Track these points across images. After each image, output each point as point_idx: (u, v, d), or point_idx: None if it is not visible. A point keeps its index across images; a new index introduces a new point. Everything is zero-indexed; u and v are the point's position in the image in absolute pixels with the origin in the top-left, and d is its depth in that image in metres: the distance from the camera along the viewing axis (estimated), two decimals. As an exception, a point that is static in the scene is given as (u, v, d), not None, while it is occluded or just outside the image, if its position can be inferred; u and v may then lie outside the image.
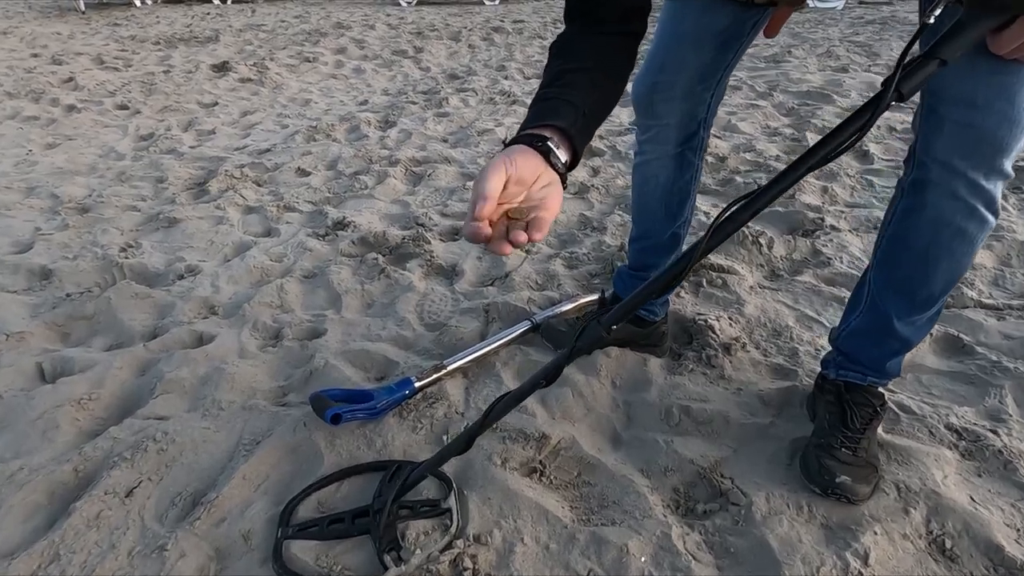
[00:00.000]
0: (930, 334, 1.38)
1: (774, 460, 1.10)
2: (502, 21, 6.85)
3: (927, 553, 0.93)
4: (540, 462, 1.11)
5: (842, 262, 1.76)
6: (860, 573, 0.89)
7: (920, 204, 0.92)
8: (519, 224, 0.65)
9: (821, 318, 1.51)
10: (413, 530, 0.96)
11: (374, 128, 3.17)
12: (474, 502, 1.02)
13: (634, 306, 0.79)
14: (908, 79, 0.69)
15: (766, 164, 2.50)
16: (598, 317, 0.80)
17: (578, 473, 1.10)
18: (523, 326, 1.44)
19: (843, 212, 2.06)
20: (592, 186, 2.34)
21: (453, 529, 0.96)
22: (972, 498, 1.01)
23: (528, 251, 1.89)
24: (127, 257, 1.86)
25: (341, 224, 2.06)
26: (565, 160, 0.73)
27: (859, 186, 2.28)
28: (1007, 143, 0.82)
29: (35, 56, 4.87)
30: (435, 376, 1.28)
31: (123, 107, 3.60)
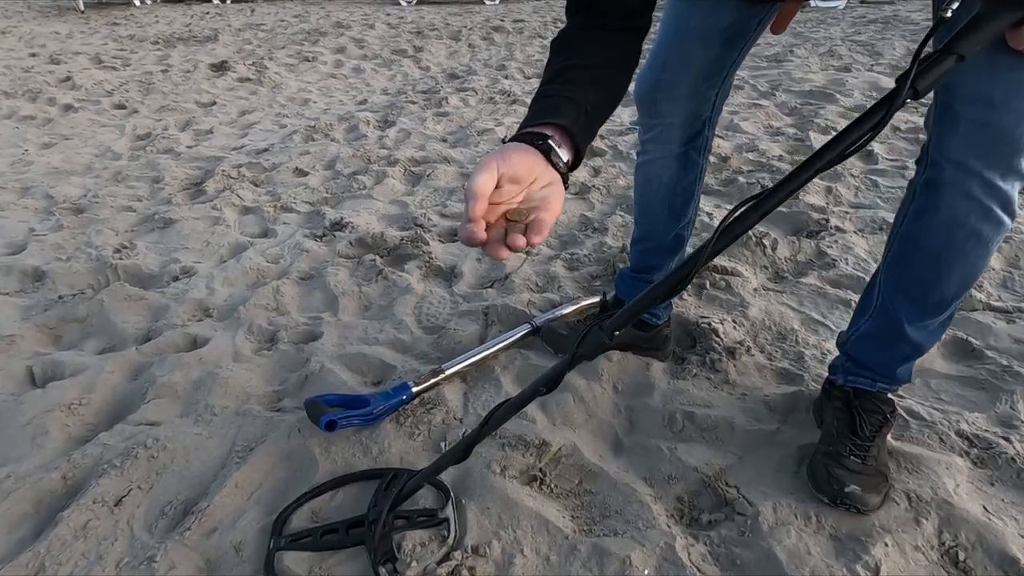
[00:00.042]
0: (938, 338, 1.35)
1: (781, 468, 1.07)
2: (502, 20, 6.82)
3: (940, 565, 0.91)
4: (540, 470, 1.09)
5: (847, 264, 1.73)
6: (871, 587, 0.86)
7: (934, 205, 0.89)
8: (518, 227, 0.62)
9: (827, 321, 1.49)
10: (409, 541, 0.93)
11: (373, 128, 3.14)
12: (472, 512, 0.99)
13: (638, 311, 0.77)
14: (924, 75, 0.67)
15: (769, 164, 2.47)
16: (600, 322, 0.77)
17: (579, 481, 1.07)
18: (523, 329, 1.41)
19: (848, 213, 2.03)
20: (593, 186, 2.31)
21: (451, 540, 0.93)
22: (985, 508, 0.98)
23: (528, 252, 1.87)
24: (121, 258, 1.83)
25: (339, 225, 2.04)
26: (567, 159, 0.70)
27: (864, 186, 2.25)
28: None
29: (33, 55, 4.84)
30: (433, 381, 1.25)
31: (120, 107, 3.58)
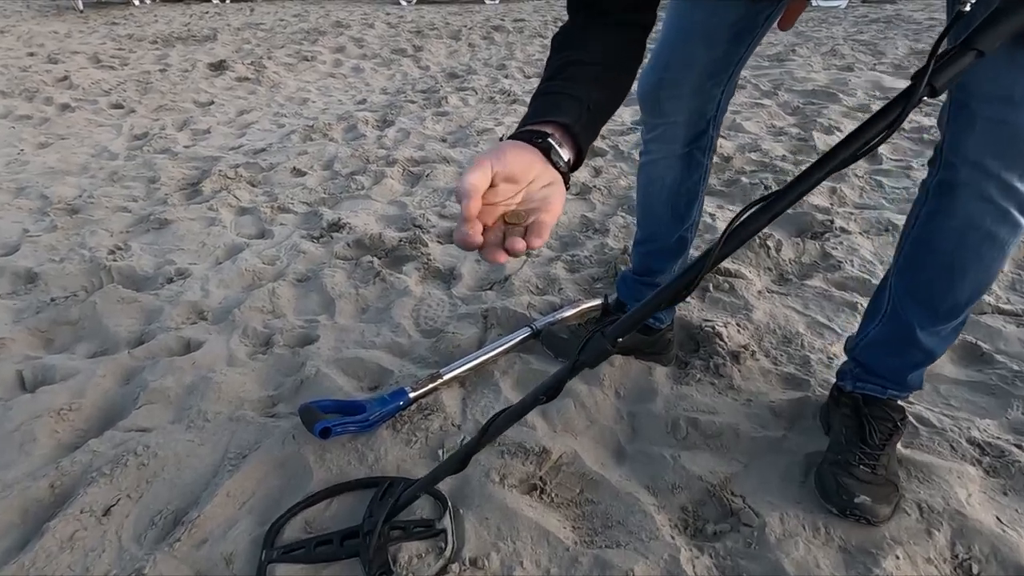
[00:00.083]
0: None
1: (787, 477, 1.04)
2: (502, 20, 6.79)
3: (953, 579, 0.88)
4: (540, 478, 1.06)
5: (853, 265, 1.70)
6: (882, 601, 0.83)
7: (947, 207, 0.86)
8: (517, 230, 0.59)
9: (832, 324, 1.46)
10: (406, 553, 0.91)
11: (372, 127, 3.11)
12: (470, 522, 0.96)
13: (642, 317, 0.74)
14: (941, 72, 0.63)
15: (772, 164, 2.45)
16: (603, 329, 0.74)
17: (580, 490, 1.05)
18: (523, 333, 1.38)
19: (852, 214, 2.00)
20: (594, 187, 2.28)
21: (448, 552, 0.90)
22: (999, 519, 0.95)
23: (528, 254, 1.84)
24: (115, 260, 1.80)
25: (336, 226, 2.01)
26: (568, 159, 0.67)
27: (868, 187, 2.22)
28: None
29: (31, 55, 4.82)
30: (431, 386, 1.22)
31: (118, 106, 3.55)
